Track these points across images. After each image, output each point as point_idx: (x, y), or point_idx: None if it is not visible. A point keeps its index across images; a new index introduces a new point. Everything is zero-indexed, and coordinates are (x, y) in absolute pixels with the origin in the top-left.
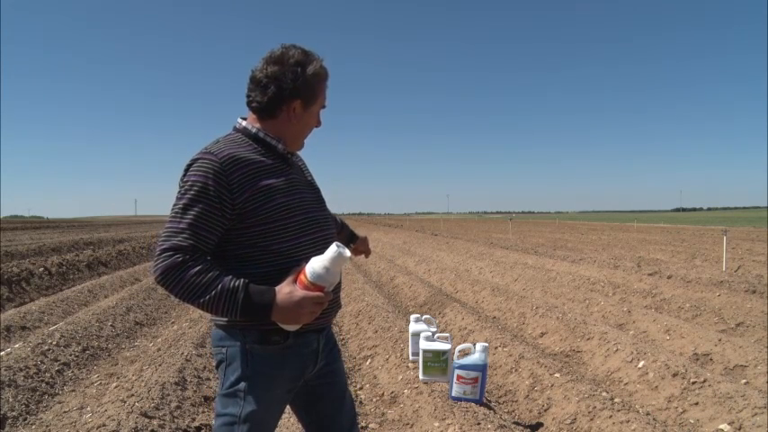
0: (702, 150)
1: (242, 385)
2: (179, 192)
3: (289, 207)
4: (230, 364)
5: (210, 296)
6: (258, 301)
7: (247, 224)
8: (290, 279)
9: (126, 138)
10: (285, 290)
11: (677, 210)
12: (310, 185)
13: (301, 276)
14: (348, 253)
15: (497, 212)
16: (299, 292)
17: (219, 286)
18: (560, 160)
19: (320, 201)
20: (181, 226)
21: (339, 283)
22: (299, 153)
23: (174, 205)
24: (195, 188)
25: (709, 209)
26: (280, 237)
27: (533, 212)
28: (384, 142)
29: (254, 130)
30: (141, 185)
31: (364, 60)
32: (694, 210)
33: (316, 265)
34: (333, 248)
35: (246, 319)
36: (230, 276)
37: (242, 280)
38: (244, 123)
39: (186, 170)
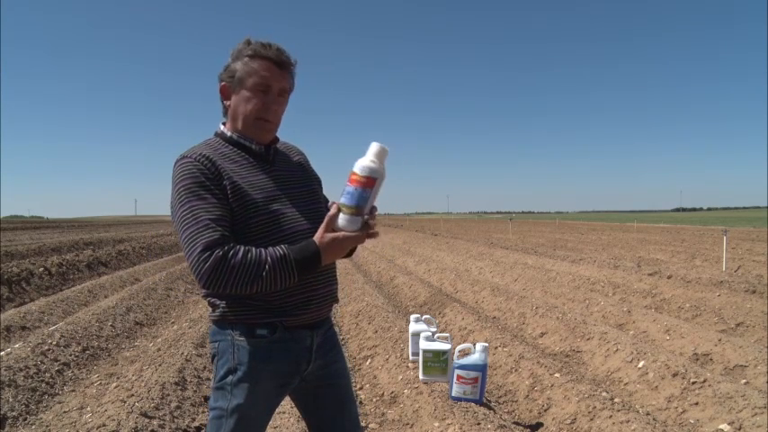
0: (702, 150)
1: (229, 379)
2: (176, 199)
3: (256, 205)
4: (221, 358)
5: (266, 271)
6: (306, 257)
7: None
8: (325, 225)
9: (126, 138)
10: (328, 237)
11: (677, 210)
12: (296, 182)
13: (352, 177)
14: (386, 147)
15: (497, 212)
16: (340, 234)
17: (269, 259)
18: (560, 160)
19: (303, 197)
20: (200, 224)
21: (334, 273)
22: (295, 147)
23: (179, 212)
24: (190, 188)
25: (709, 209)
26: (248, 234)
27: (533, 212)
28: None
29: (228, 133)
30: (141, 185)
31: (364, 59)
32: (694, 210)
33: (363, 161)
34: (374, 144)
35: (303, 276)
36: (269, 248)
37: (282, 246)
38: (222, 128)
39: (173, 180)
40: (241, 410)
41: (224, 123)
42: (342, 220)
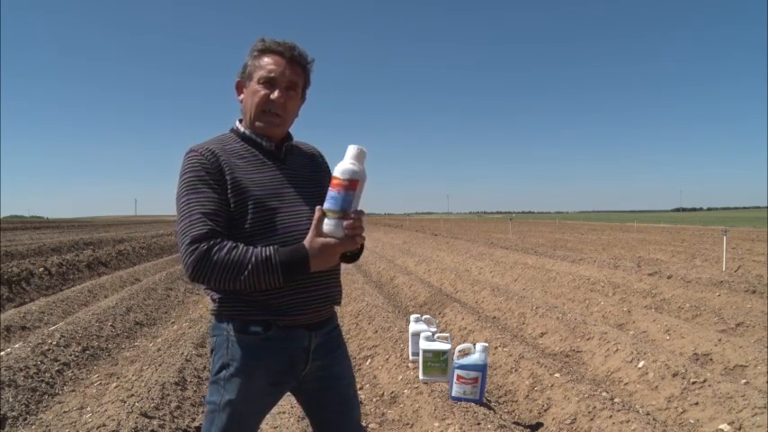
0: (702, 150)
1: (223, 374)
2: (178, 192)
3: (254, 201)
4: (217, 353)
5: (249, 271)
6: (294, 261)
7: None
8: (313, 229)
9: (126, 138)
10: (318, 242)
11: (677, 210)
12: (305, 182)
13: (334, 181)
14: (365, 148)
15: (497, 212)
16: (331, 240)
17: (253, 259)
18: (560, 160)
19: (312, 197)
20: (193, 218)
21: (339, 270)
22: (312, 147)
23: (178, 204)
24: (190, 181)
25: (709, 209)
26: (244, 230)
27: (533, 212)
28: (384, 142)
29: (242, 130)
30: (141, 185)
31: (364, 59)
32: (694, 210)
33: (343, 165)
34: (351, 147)
35: (289, 280)
36: (258, 247)
37: (271, 246)
38: (237, 124)
39: (179, 172)
40: (232, 406)
41: (240, 120)
42: (327, 224)
